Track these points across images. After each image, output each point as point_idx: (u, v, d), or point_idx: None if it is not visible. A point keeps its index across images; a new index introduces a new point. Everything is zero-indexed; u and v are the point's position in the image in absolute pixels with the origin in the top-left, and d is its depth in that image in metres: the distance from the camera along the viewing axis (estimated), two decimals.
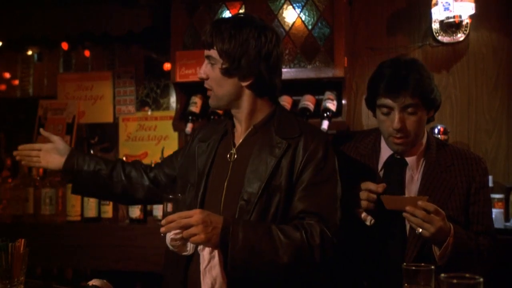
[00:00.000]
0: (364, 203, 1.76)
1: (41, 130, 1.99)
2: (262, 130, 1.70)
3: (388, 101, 1.76)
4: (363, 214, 1.77)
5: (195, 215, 1.49)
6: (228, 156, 1.72)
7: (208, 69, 1.69)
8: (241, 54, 1.62)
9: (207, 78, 1.70)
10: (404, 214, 1.65)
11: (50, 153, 1.92)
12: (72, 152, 1.93)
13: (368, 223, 1.77)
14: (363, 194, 1.76)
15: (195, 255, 1.62)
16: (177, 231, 1.49)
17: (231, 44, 1.62)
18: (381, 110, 1.81)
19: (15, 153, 1.94)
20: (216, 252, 1.51)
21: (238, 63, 1.63)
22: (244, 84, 1.67)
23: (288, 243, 1.53)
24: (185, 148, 1.91)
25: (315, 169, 1.63)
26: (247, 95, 1.69)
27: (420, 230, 1.62)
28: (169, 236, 1.50)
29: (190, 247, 1.54)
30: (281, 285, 1.61)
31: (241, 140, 1.72)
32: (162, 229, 1.50)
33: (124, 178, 1.94)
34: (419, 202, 1.62)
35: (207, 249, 1.52)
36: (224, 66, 1.64)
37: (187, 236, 1.49)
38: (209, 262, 1.51)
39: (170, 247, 1.54)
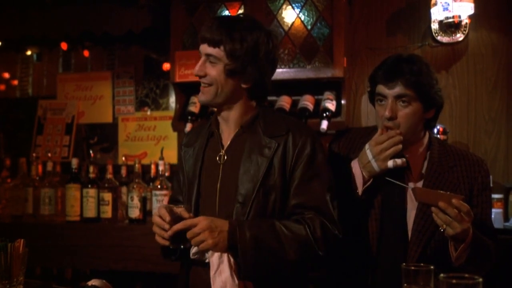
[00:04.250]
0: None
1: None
2: (249, 130, 1.68)
3: (383, 89, 1.77)
4: (390, 162, 1.73)
5: (200, 222, 1.50)
6: (217, 158, 1.70)
7: (207, 67, 1.63)
8: (251, 57, 1.59)
9: (205, 76, 1.64)
10: (433, 208, 1.59)
11: None
12: None
13: (391, 164, 1.73)
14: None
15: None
16: None
17: (242, 46, 1.57)
18: (377, 99, 1.82)
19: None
20: (225, 256, 1.52)
21: (245, 66, 1.60)
22: (245, 86, 1.64)
23: (293, 238, 1.54)
24: (180, 164, 1.85)
25: (306, 165, 1.63)
26: (243, 97, 1.68)
27: (445, 227, 1.58)
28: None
29: (207, 254, 1.56)
30: (288, 281, 1.62)
31: (229, 141, 1.70)
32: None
33: None
34: (454, 200, 1.56)
35: (216, 255, 1.53)
36: (228, 68, 1.60)
37: (195, 243, 1.51)
38: (218, 267, 1.52)
39: (193, 257, 1.60)
